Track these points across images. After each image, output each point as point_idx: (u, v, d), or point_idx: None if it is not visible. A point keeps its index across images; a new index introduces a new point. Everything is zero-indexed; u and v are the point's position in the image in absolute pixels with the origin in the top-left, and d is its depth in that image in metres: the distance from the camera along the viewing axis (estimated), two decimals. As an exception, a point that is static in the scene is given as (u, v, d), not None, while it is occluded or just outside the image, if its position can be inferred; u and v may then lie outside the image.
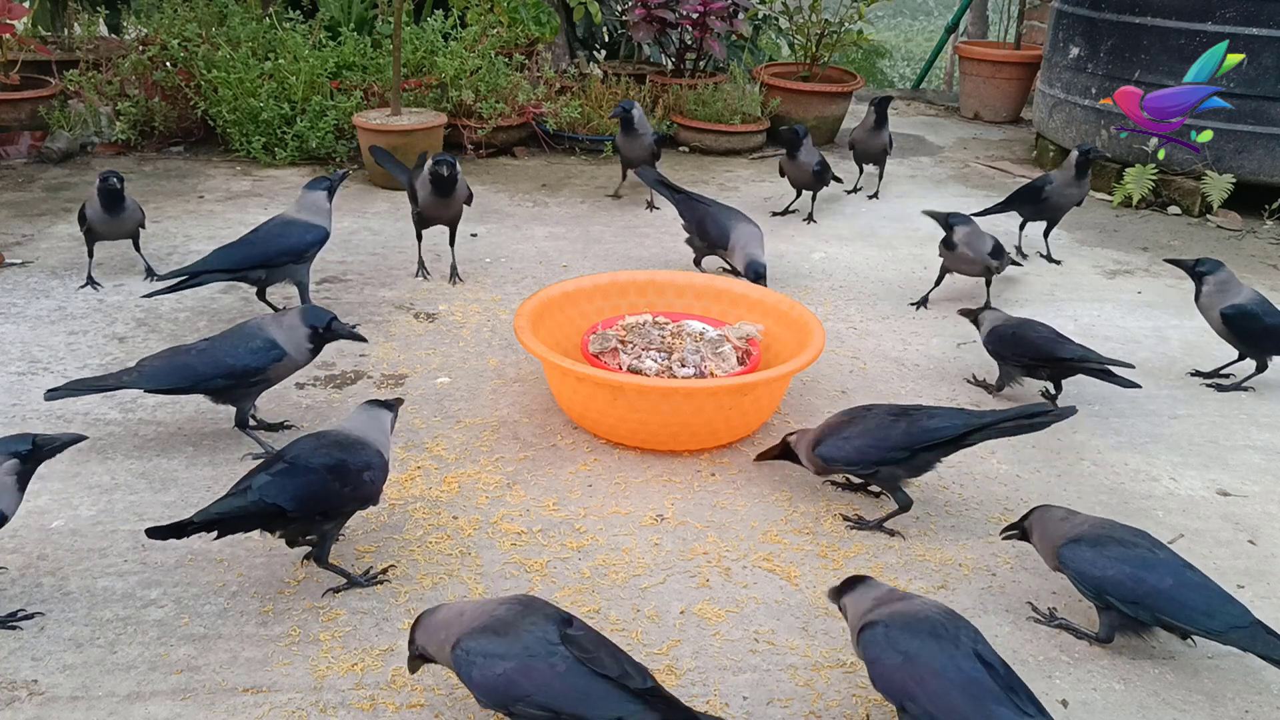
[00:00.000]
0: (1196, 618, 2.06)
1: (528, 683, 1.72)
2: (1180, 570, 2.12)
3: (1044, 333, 3.14)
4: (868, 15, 6.36)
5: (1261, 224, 5.09)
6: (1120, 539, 2.17)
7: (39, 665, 2.01)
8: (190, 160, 5.35)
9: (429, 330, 3.56)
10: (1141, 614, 2.10)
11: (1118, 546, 2.15)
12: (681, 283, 3.41)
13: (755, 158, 5.94)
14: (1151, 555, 2.14)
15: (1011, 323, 3.20)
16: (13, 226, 4.30)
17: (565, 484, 2.71)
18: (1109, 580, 2.11)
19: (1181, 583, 2.09)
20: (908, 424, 2.50)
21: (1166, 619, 2.09)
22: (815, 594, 2.32)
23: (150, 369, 2.70)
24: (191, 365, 2.67)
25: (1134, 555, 2.13)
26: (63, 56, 5.53)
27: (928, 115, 7.39)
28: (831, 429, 2.59)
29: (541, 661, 1.73)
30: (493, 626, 1.78)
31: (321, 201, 3.48)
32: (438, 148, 5.07)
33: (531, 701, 1.71)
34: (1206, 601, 2.07)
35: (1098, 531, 2.19)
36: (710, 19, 5.78)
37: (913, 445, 2.47)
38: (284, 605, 2.21)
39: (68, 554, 2.32)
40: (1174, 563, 2.13)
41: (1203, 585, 2.10)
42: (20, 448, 2.12)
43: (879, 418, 2.55)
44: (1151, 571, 2.10)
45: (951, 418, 2.51)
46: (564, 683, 1.72)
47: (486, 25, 5.64)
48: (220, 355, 2.66)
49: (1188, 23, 4.95)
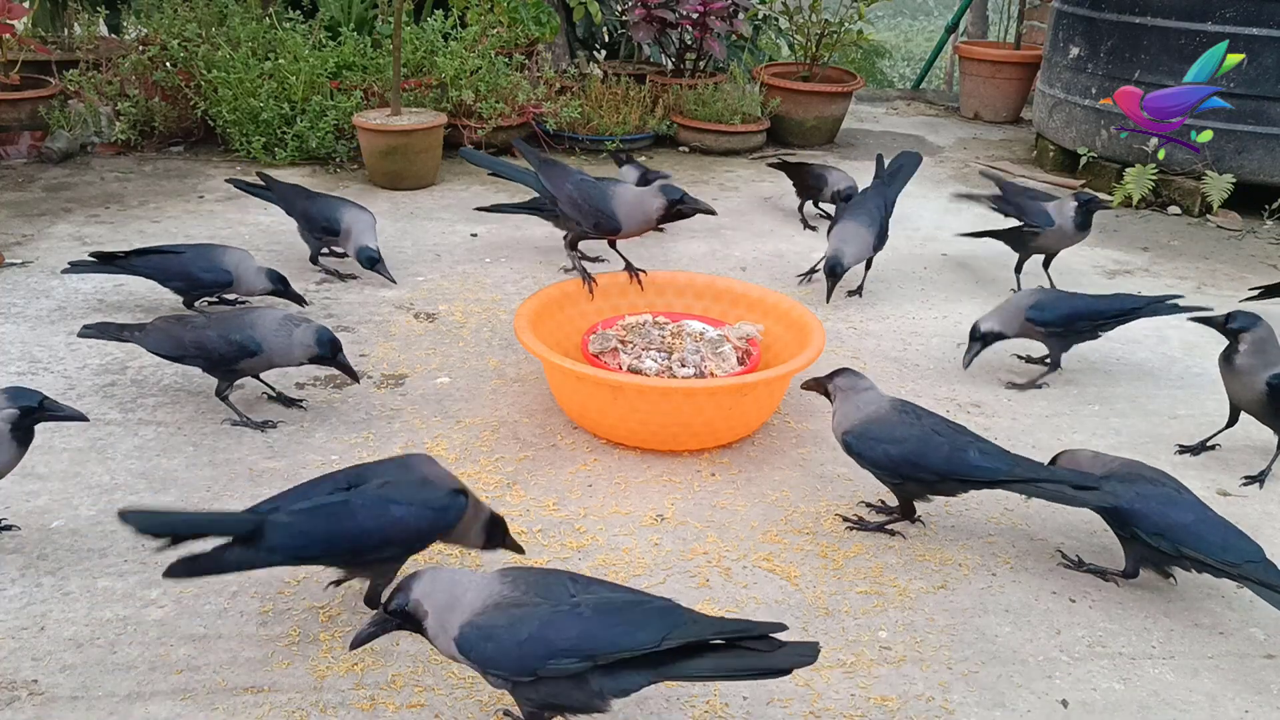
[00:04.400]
0: (1215, 551, 2.21)
1: (560, 637, 1.66)
2: (1201, 509, 2.29)
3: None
4: (868, 15, 6.36)
5: (1261, 224, 5.09)
6: (1149, 478, 2.34)
7: (39, 665, 2.01)
8: (190, 160, 5.35)
9: (429, 330, 3.56)
10: (1164, 545, 2.24)
11: (1146, 484, 2.31)
12: (681, 283, 3.41)
13: (755, 158, 5.93)
14: (1176, 494, 2.31)
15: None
16: (13, 226, 4.30)
17: (565, 484, 2.71)
18: (1136, 514, 2.28)
19: (1202, 519, 2.26)
20: (950, 450, 2.36)
21: (1188, 551, 2.23)
22: (815, 594, 2.33)
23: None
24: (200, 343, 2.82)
25: (1160, 493, 2.30)
26: (63, 56, 5.53)
27: (928, 115, 7.39)
28: (871, 419, 2.46)
29: (568, 614, 1.68)
30: (503, 603, 1.71)
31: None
32: (437, 148, 5.08)
33: (570, 653, 1.65)
34: (1224, 537, 2.23)
35: (1127, 469, 2.36)
36: (710, 19, 5.78)
37: (950, 475, 2.38)
38: (284, 605, 2.21)
39: (68, 554, 2.32)
40: (1195, 502, 2.31)
41: (1221, 523, 2.27)
42: (26, 402, 2.19)
43: (925, 432, 2.40)
44: (1175, 508, 2.27)
45: (997, 460, 2.36)
46: (598, 624, 1.67)
47: (486, 25, 5.64)
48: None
49: (1188, 23, 4.95)
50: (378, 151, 4.92)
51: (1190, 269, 4.49)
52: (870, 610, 2.28)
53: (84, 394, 3.01)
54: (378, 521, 1.97)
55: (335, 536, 1.94)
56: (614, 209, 3.13)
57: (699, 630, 1.67)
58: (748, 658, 1.67)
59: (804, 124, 6.20)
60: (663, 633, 1.65)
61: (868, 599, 2.32)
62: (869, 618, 2.26)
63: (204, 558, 1.90)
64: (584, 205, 3.18)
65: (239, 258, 3.43)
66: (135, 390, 3.05)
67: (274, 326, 2.81)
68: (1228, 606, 2.35)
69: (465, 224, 4.61)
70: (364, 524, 1.96)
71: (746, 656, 1.67)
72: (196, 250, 3.48)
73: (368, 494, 1.99)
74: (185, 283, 3.42)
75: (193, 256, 3.43)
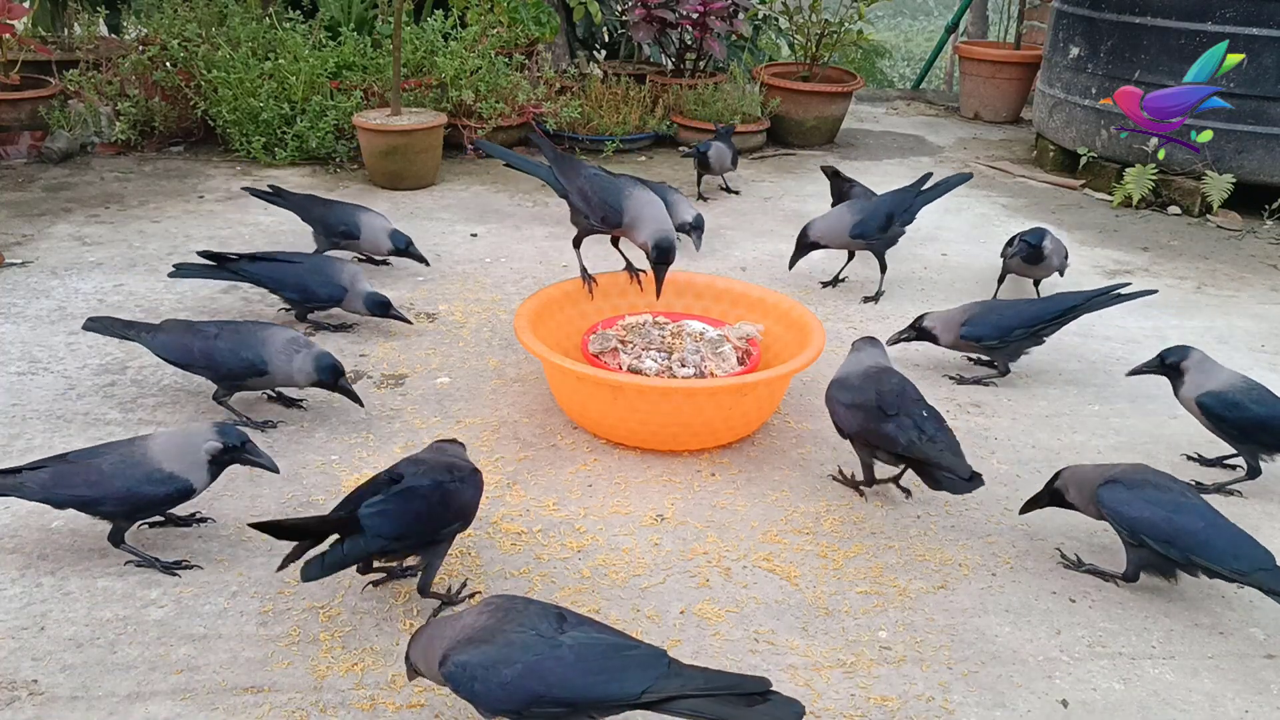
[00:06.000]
0: (1225, 558, 2.18)
1: (539, 683, 1.68)
2: (1210, 514, 2.25)
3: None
4: (868, 15, 6.36)
5: (1261, 224, 5.09)
6: (1155, 483, 2.30)
7: (39, 665, 2.01)
8: (190, 160, 5.35)
9: (429, 330, 3.56)
10: (1173, 553, 2.22)
11: (1153, 490, 2.28)
12: (681, 283, 3.41)
13: (755, 158, 5.93)
14: (1184, 500, 2.27)
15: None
16: (13, 226, 4.30)
17: (565, 484, 2.71)
18: (1144, 520, 2.25)
19: (1211, 525, 2.23)
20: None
21: (1197, 559, 2.20)
22: (815, 594, 2.33)
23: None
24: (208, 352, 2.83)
25: (1168, 499, 2.26)
26: (63, 56, 5.53)
27: (928, 115, 7.39)
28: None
29: (548, 657, 1.70)
30: (479, 636, 1.74)
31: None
32: (437, 148, 5.08)
33: (548, 700, 1.67)
34: (1234, 544, 2.20)
35: (1133, 475, 2.33)
36: (710, 19, 5.78)
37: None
38: (284, 605, 2.21)
39: (68, 554, 2.32)
40: (1204, 507, 2.27)
41: (1230, 529, 2.23)
42: (230, 440, 2.27)
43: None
44: (1184, 514, 2.23)
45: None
46: (577, 670, 1.69)
47: (486, 25, 5.64)
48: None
49: (1188, 23, 4.95)
50: (378, 151, 4.93)
51: (1190, 269, 4.49)
52: (870, 610, 2.28)
53: (84, 394, 3.01)
54: (444, 500, 2.15)
55: (421, 516, 2.11)
56: (622, 204, 3.13)
57: (681, 685, 1.68)
58: (725, 708, 1.67)
59: (804, 124, 6.20)
60: (644, 685, 1.67)
61: (868, 599, 2.32)
62: (869, 618, 2.26)
63: (328, 555, 2.03)
64: (593, 199, 3.17)
65: (354, 273, 3.40)
66: (135, 390, 3.05)
67: (281, 347, 2.81)
68: (1228, 606, 2.35)
69: (465, 224, 4.61)
70: (433, 502, 2.13)
71: (725, 706, 1.67)
72: (313, 262, 3.44)
73: (421, 479, 2.14)
74: (301, 295, 3.38)
75: (310, 268, 3.39)
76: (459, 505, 2.18)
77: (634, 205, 3.12)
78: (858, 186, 4.48)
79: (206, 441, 2.26)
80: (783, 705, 1.68)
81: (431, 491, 2.13)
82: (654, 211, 3.12)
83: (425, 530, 2.12)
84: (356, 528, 2.04)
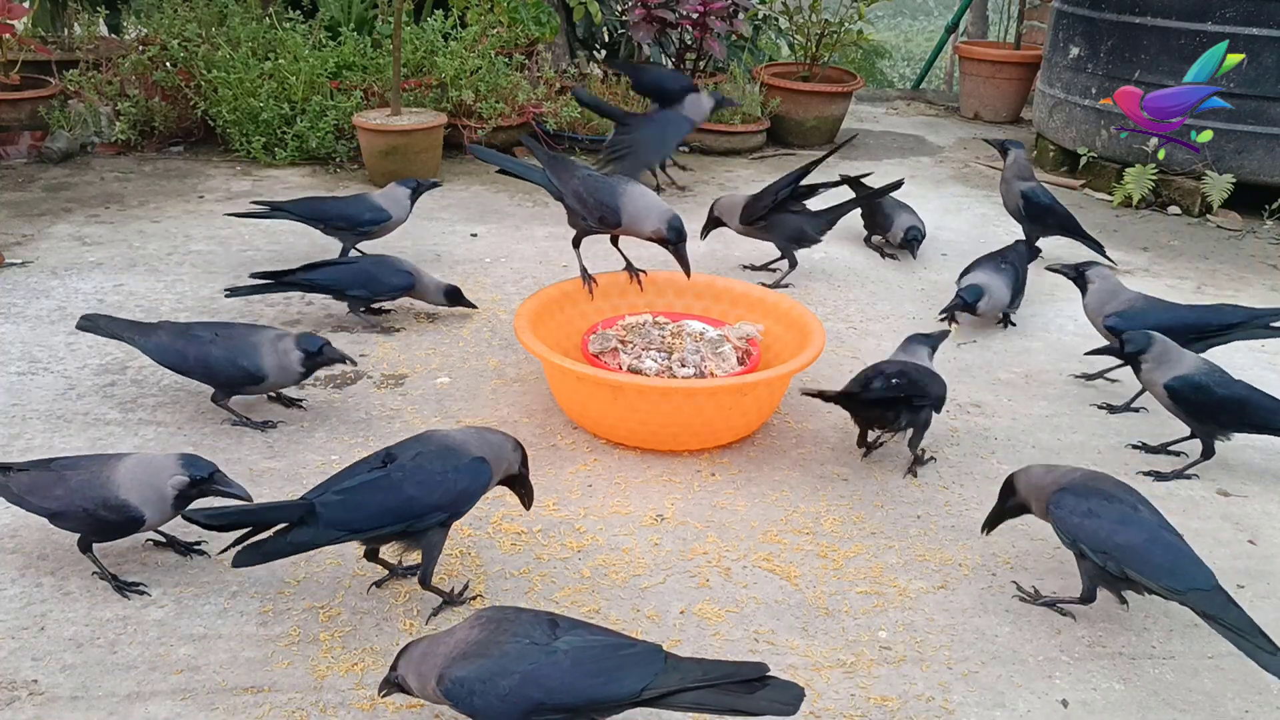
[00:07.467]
0: (1160, 575, 2.10)
1: (538, 690, 1.68)
2: (1155, 529, 2.17)
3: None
4: (868, 15, 6.36)
5: (1261, 224, 5.09)
6: (1106, 492, 2.23)
7: (39, 665, 2.01)
8: (190, 160, 5.35)
9: (429, 330, 3.56)
10: (1110, 565, 2.14)
11: (1100, 500, 2.20)
12: (681, 283, 3.40)
13: (755, 158, 5.94)
14: (1131, 512, 2.19)
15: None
16: (13, 226, 4.30)
17: (565, 484, 2.71)
18: (1084, 529, 2.18)
19: (1152, 540, 2.14)
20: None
21: (1132, 573, 2.13)
22: (815, 594, 2.33)
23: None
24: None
25: (1113, 509, 2.18)
26: (63, 56, 5.53)
27: (928, 115, 7.39)
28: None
29: (544, 664, 1.70)
30: (474, 650, 1.73)
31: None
32: (437, 148, 5.08)
33: (548, 706, 1.68)
34: (1173, 561, 2.12)
35: (1086, 483, 2.25)
36: (710, 19, 5.78)
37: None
38: (284, 605, 2.21)
39: (68, 554, 2.32)
40: (1151, 522, 2.19)
41: (1174, 546, 2.15)
42: (197, 472, 2.18)
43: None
44: (1126, 526, 2.16)
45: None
46: (575, 673, 1.69)
47: (486, 25, 5.64)
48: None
49: (1188, 23, 4.95)
50: (378, 151, 4.93)
51: (1190, 269, 4.49)
52: (870, 610, 2.28)
53: (84, 394, 3.01)
54: (419, 488, 2.09)
55: (383, 506, 2.07)
56: (618, 203, 3.14)
57: (680, 679, 1.69)
58: (727, 696, 1.68)
59: (804, 124, 6.20)
60: (643, 683, 1.68)
61: (868, 599, 2.32)
62: (869, 618, 2.26)
63: (268, 543, 2.02)
64: (588, 199, 3.18)
65: (414, 264, 3.54)
66: (135, 390, 3.05)
67: (270, 349, 2.79)
68: (1228, 606, 2.35)
69: (465, 224, 4.61)
70: (407, 492, 2.08)
71: (727, 695, 1.68)
72: (371, 258, 3.59)
73: (405, 466, 2.11)
74: (369, 290, 3.45)
75: (372, 262, 3.53)
76: (442, 495, 2.10)
77: (630, 201, 3.14)
78: (904, 214, 4.40)
79: (172, 477, 2.16)
80: (782, 689, 1.69)
81: (403, 481, 2.07)
82: (651, 201, 3.16)
83: (393, 522, 2.07)
84: (312, 516, 2.01)
